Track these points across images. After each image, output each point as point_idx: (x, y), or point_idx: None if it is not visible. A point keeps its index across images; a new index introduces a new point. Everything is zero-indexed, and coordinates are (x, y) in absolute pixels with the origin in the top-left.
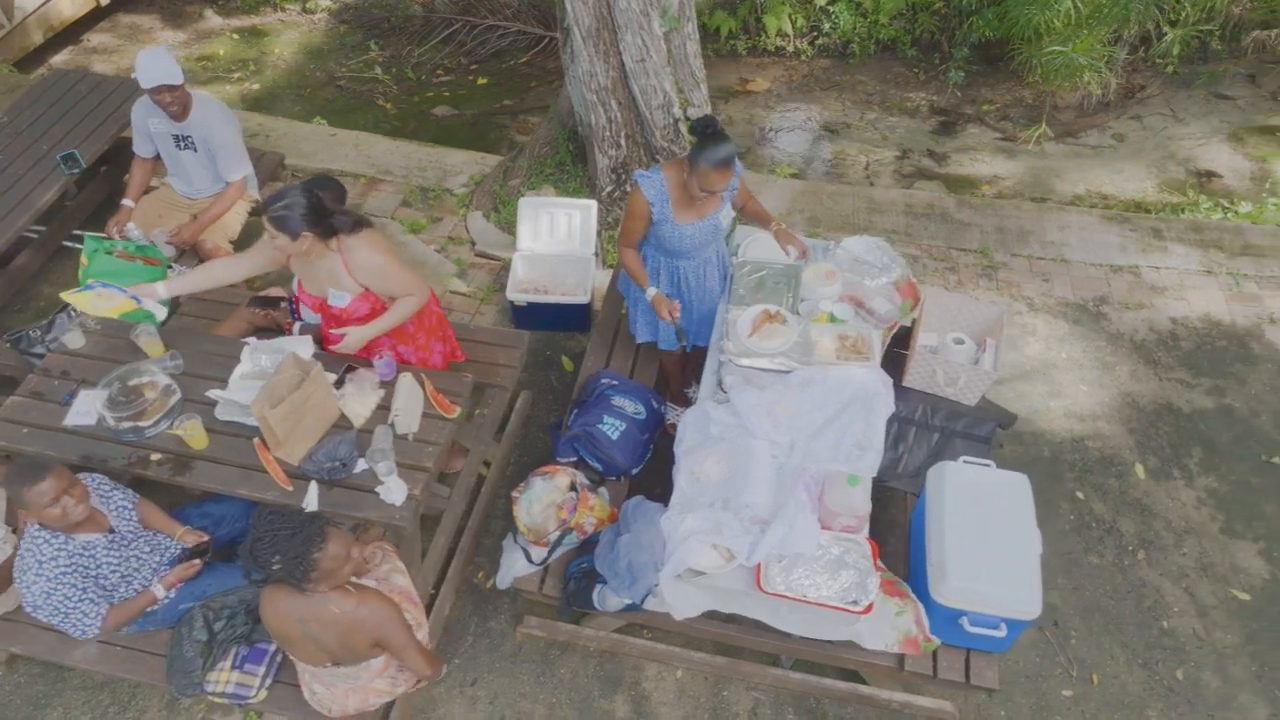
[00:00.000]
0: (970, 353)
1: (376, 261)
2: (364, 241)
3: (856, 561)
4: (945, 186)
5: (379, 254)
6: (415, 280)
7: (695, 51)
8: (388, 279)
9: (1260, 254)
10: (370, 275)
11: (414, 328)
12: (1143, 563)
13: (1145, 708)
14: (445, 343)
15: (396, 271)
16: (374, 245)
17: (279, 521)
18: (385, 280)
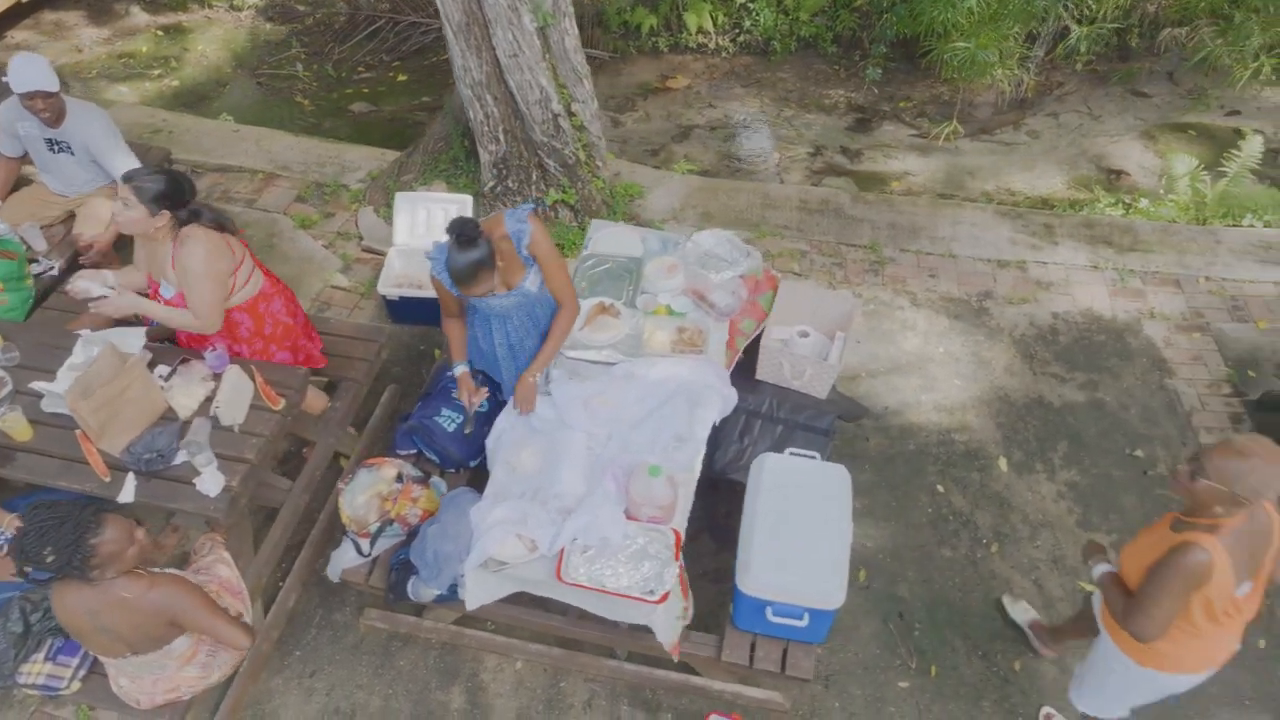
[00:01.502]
0: (817, 346)
1: (192, 266)
2: (198, 243)
3: (659, 552)
4: (855, 183)
5: (198, 262)
6: (207, 308)
7: (575, 47)
8: (191, 290)
9: (1148, 250)
10: (181, 276)
11: (248, 333)
12: (995, 555)
13: (980, 698)
14: (295, 353)
15: (200, 288)
16: (202, 251)
17: (45, 514)
18: (188, 289)
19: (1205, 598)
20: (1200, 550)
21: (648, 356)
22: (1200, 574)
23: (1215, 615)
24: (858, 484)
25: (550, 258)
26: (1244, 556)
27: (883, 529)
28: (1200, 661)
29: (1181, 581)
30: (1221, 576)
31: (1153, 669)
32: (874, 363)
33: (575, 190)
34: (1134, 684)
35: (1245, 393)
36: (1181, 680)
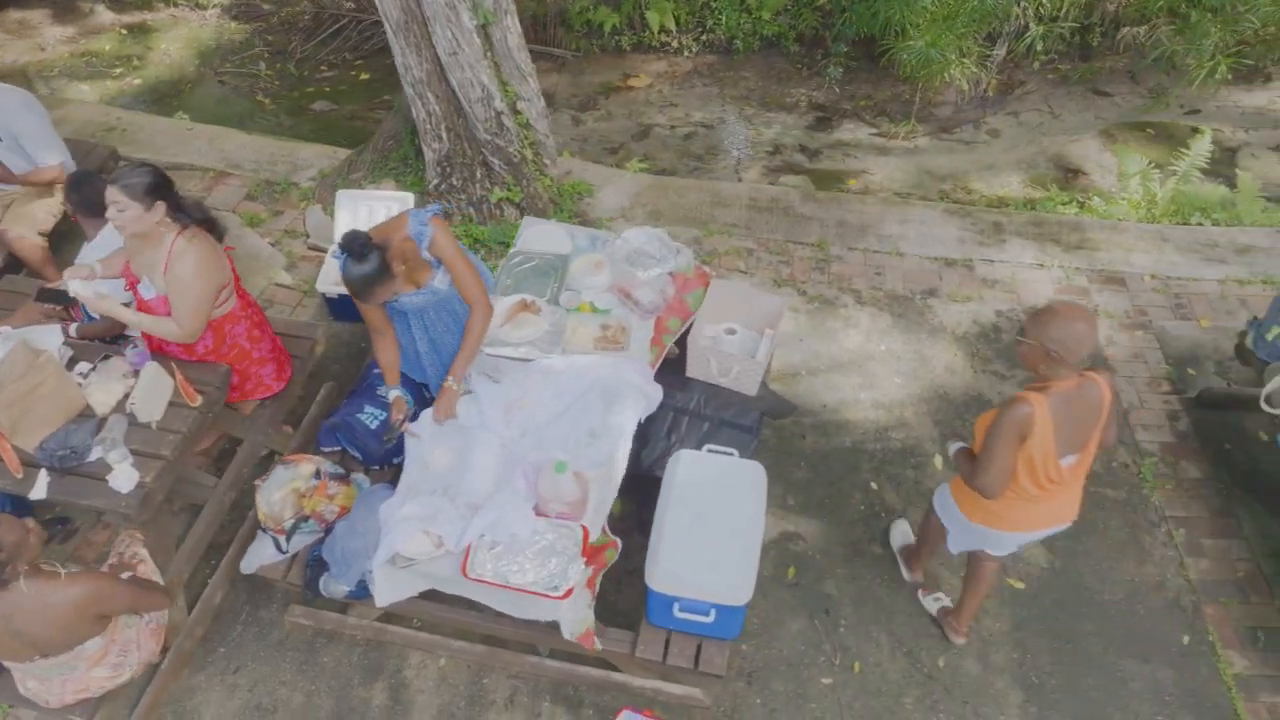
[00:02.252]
0: (745, 344)
1: (187, 273)
2: (200, 251)
3: (566, 548)
4: (812, 181)
5: (196, 269)
6: (192, 318)
7: (519, 45)
8: (180, 298)
9: (1095, 248)
10: (172, 283)
11: (205, 350)
12: (926, 552)
13: (902, 695)
14: (244, 379)
15: (190, 296)
16: (203, 259)
17: None
18: (177, 297)
19: (1029, 456)
20: (1024, 403)
21: (567, 354)
22: (1023, 423)
23: (1038, 478)
24: (792, 481)
25: (454, 260)
26: (1070, 425)
27: (814, 526)
28: (1023, 522)
29: (1008, 431)
30: (1043, 433)
31: (981, 524)
32: (815, 360)
33: (521, 188)
34: (968, 536)
35: (1184, 390)
36: (1006, 537)
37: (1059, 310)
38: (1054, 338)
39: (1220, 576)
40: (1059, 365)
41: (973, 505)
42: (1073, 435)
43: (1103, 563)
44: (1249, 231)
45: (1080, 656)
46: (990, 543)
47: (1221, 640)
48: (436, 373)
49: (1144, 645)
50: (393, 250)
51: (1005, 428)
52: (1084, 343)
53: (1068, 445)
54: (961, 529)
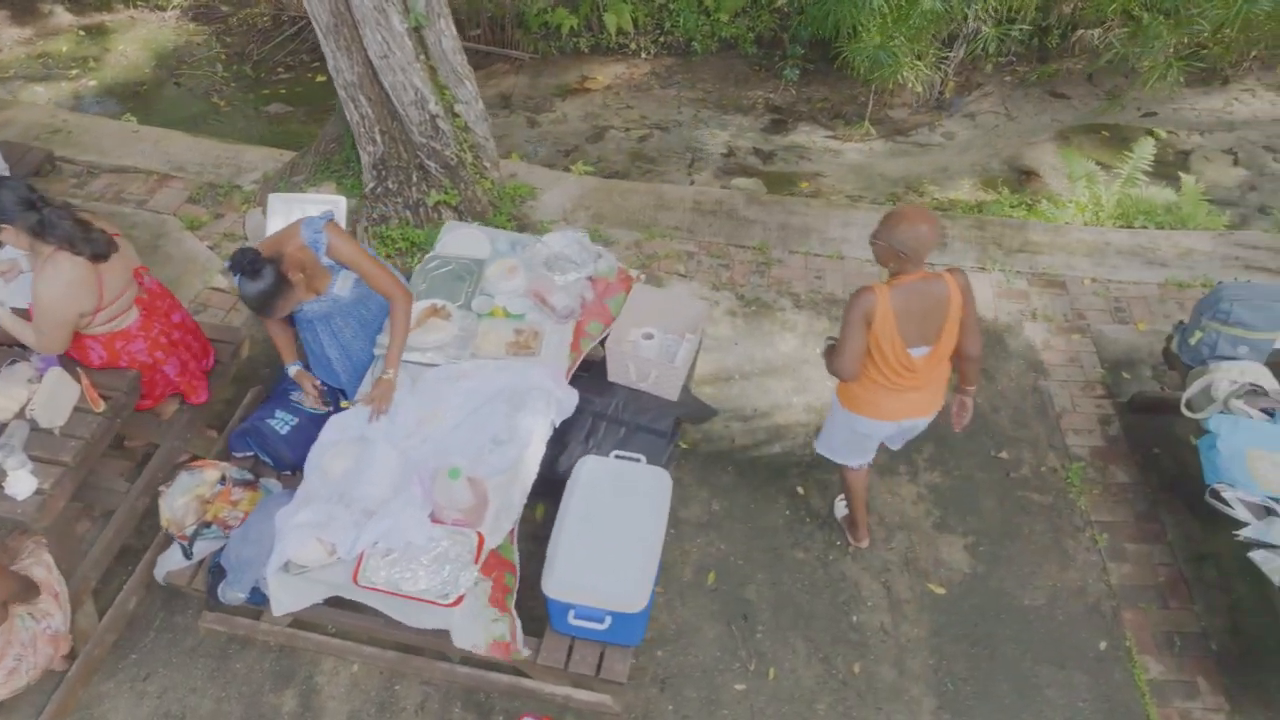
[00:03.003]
0: (664, 348)
1: (44, 296)
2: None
3: (460, 555)
4: (764, 184)
5: (52, 294)
6: (47, 340)
7: (454, 48)
8: (38, 315)
9: (1037, 251)
10: (35, 297)
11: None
12: (848, 558)
13: (815, 701)
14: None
15: (44, 318)
16: (61, 285)
17: None
18: (36, 313)
19: (878, 344)
20: (868, 292)
21: (476, 359)
22: (867, 309)
23: (892, 365)
24: (718, 486)
25: (357, 261)
26: (914, 316)
27: (738, 531)
28: (886, 411)
29: (855, 317)
30: (885, 319)
31: (848, 410)
32: (749, 364)
33: (458, 191)
34: (841, 425)
35: (1117, 394)
36: (868, 423)
37: (905, 213)
38: (900, 238)
39: (1142, 582)
40: (906, 261)
41: (845, 394)
42: (919, 327)
43: (1025, 568)
44: (1191, 235)
45: (996, 662)
46: (859, 433)
47: (1138, 646)
48: (350, 378)
49: (1061, 651)
50: (287, 261)
51: (852, 314)
52: (927, 241)
53: (916, 337)
54: (836, 421)
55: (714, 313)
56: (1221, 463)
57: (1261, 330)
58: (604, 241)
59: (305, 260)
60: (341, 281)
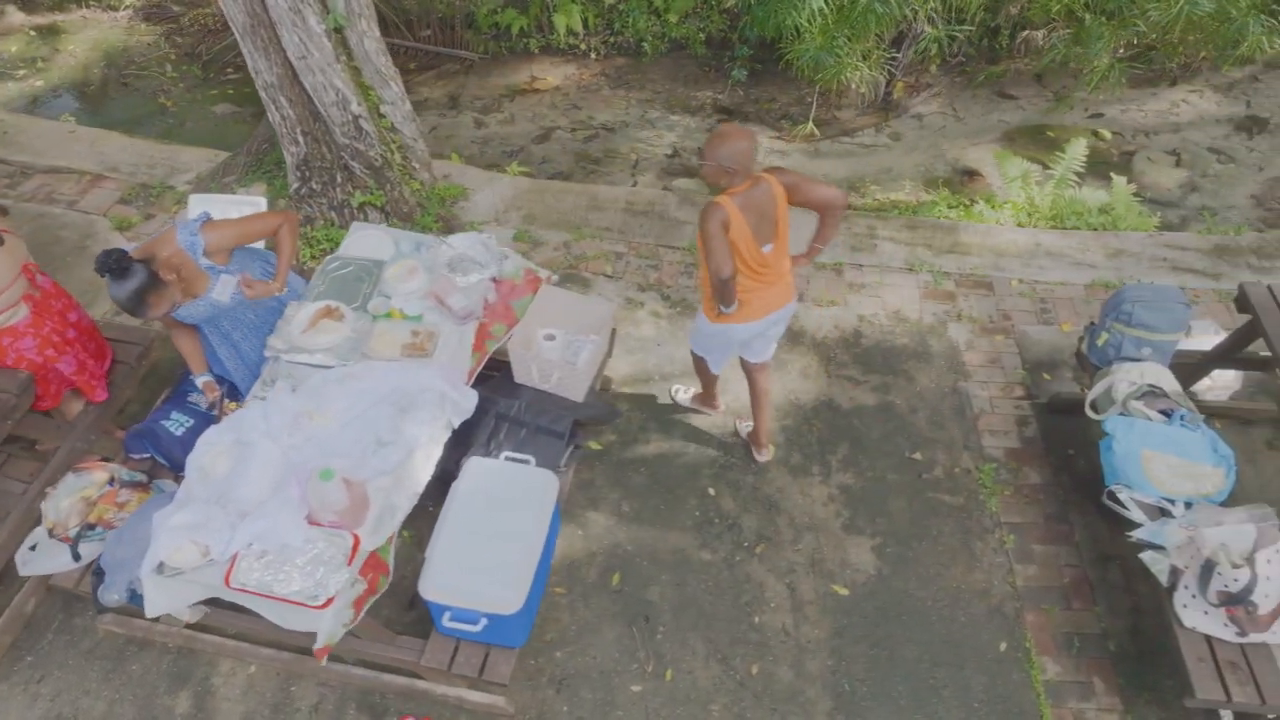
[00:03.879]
0: (568, 349)
1: None
2: None
3: (333, 557)
4: (705, 185)
5: None
6: None
7: (378, 49)
8: None
9: (965, 251)
10: None
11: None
12: (755, 559)
13: (710, 702)
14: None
15: None
16: None
17: None
18: None
19: (735, 247)
20: (717, 205)
21: (369, 361)
22: (722, 218)
23: (750, 264)
24: (630, 487)
25: (239, 235)
26: (756, 217)
27: (646, 532)
28: (755, 311)
29: (714, 227)
30: (738, 223)
31: (723, 323)
32: (669, 365)
33: (384, 192)
34: (713, 337)
35: (1037, 396)
36: (741, 328)
37: (723, 133)
38: (724, 156)
39: (1046, 583)
40: (735, 176)
41: (709, 308)
42: (762, 226)
43: (931, 569)
44: (1121, 236)
45: (895, 664)
46: (735, 340)
47: (1038, 647)
48: (243, 377)
49: (960, 652)
50: (161, 265)
51: (711, 226)
52: (747, 155)
53: (763, 235)
54: (709, 337)
55: (638, 314)
56: (1117, 464)
57: (1163, 332)
58: (533, 242)
59: (181, 264)
60: (221, 287)
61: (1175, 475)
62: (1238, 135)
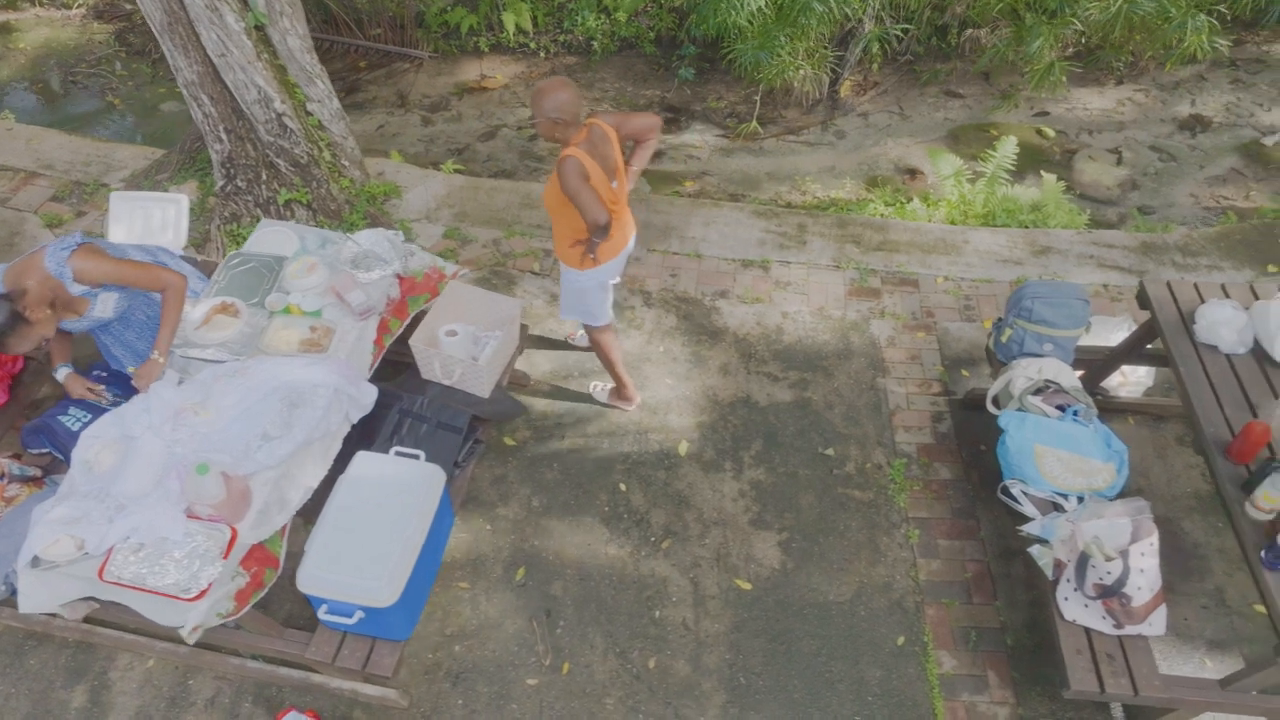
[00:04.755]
0: (471, 345)
1: None
2: None
3: (209, 550)
4: (648, 182)
5: None
6: None
7: (302, 46)
8: None
9: (894, 249)
10: None
11: None
12: (661, 554)
13: (605, 696)
14: None
15: None
16: None
17: None
18: None
19: (597, 192)
20: (572, 159)
21: (263, 356)
22: (580, 169)
23: (608, 205)
24: (541, 482)
25: (115, 276)
26: (601, 159)
27: (554, 527)
28: (614, 244)
29: (576, 179)
30: (594, 169)
31: (594, 269)
32: (590, 361)
33: (310, 189)
34: (582, 287)
35: (955, 392)
36: (609, 265)
37: (545, 88)
38: (550, 108)
39: (949, 578)
40: (567, 127)
41: (576, 259)
42: (606, 165)
43: (835, 564)
44: (1051, 233)
45: (792, 658)
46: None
47: (936, 641)
48: None
49: (858, 646)
50: (31, 296)
51: (574, 179)
52: (574, 104)
53: (609, 174)
54: (587, 290)
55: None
56: (1011, 459)
57: (1063, 328)
58: (463, 239)
59: (53, 291)
60: (101, 304)
61: (1067, 470)
62: (1181, 134)
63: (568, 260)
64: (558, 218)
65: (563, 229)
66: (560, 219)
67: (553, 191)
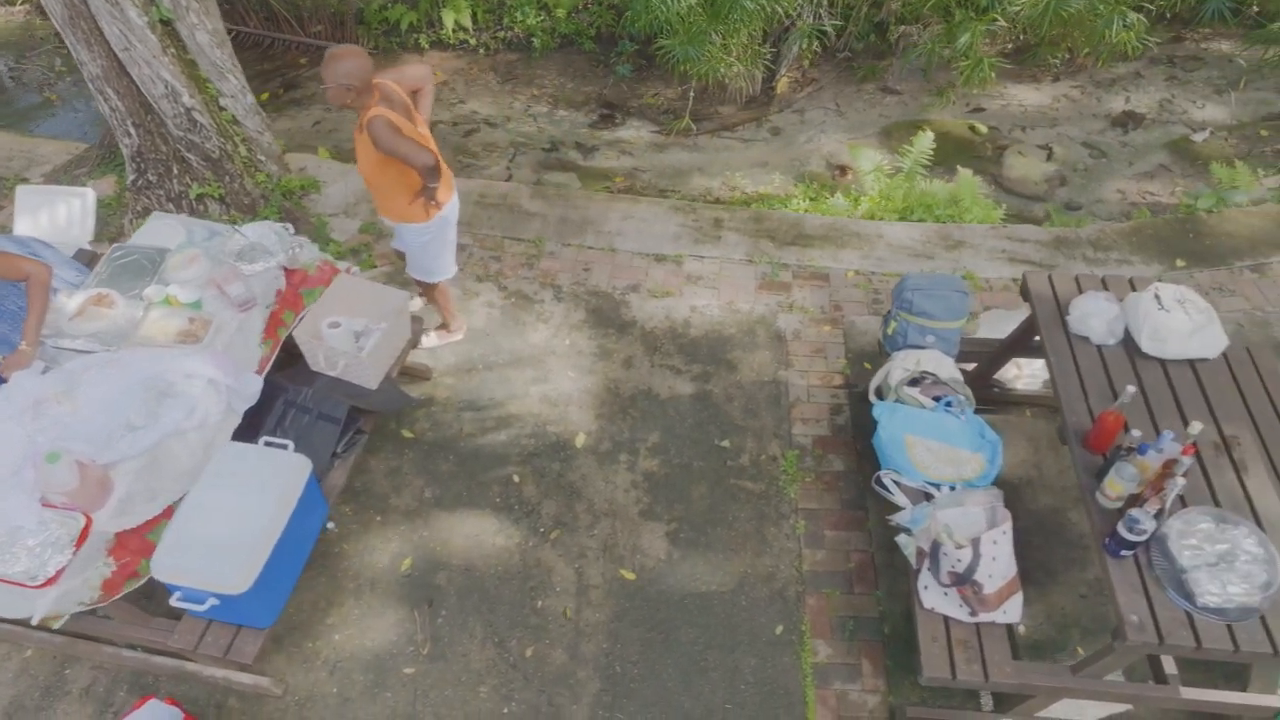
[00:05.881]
0: (363, 336)
1: None
2: None
3: (60, 539)
4: (579, 178)
5: None
6: None
7: (213, 41)
8: None
9: (808, 244)
10: None
11: None
12: (548, 544)
13: (480, 684)
14: None
15: None
16: None
17: None
18: None
19: (411, 139)
20: (379, 116)
21: (137, 347)
22: (391, 122)
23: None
24: (436, 473)
25: None
26: (400, 110)
27: (444, 518)
28: (447, 183)
29: (391, 134)
30: (402, 123)
31: (438, 213)
32: (495, 355)
33: (222, 184)
34: (428, 239)
35: (855, 385)
36: (449, 206)
37: (335, 54)
38: (342, 75)
39: (833, 568)
40: (361, 92)
41: (421, 211)
42: (408, 115)
43: (721, 554)
44: (964, 228)
45: (670, 647)
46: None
47: (814, 630)
48: None
49: (736, 635)
50: None
51: (389, 134)
52: (365, 69)
53: (413, 122)
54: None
55: (472, 304)
56: (884, 449)
57: (942, 320)
58: (378, 234)
59: None
60: None
61: (938, 460)
62: (1113, 131)
63: (411, 217)
64: (384, 182)
65: (394, 190)
66: (386, 181)
67: (368, 159)
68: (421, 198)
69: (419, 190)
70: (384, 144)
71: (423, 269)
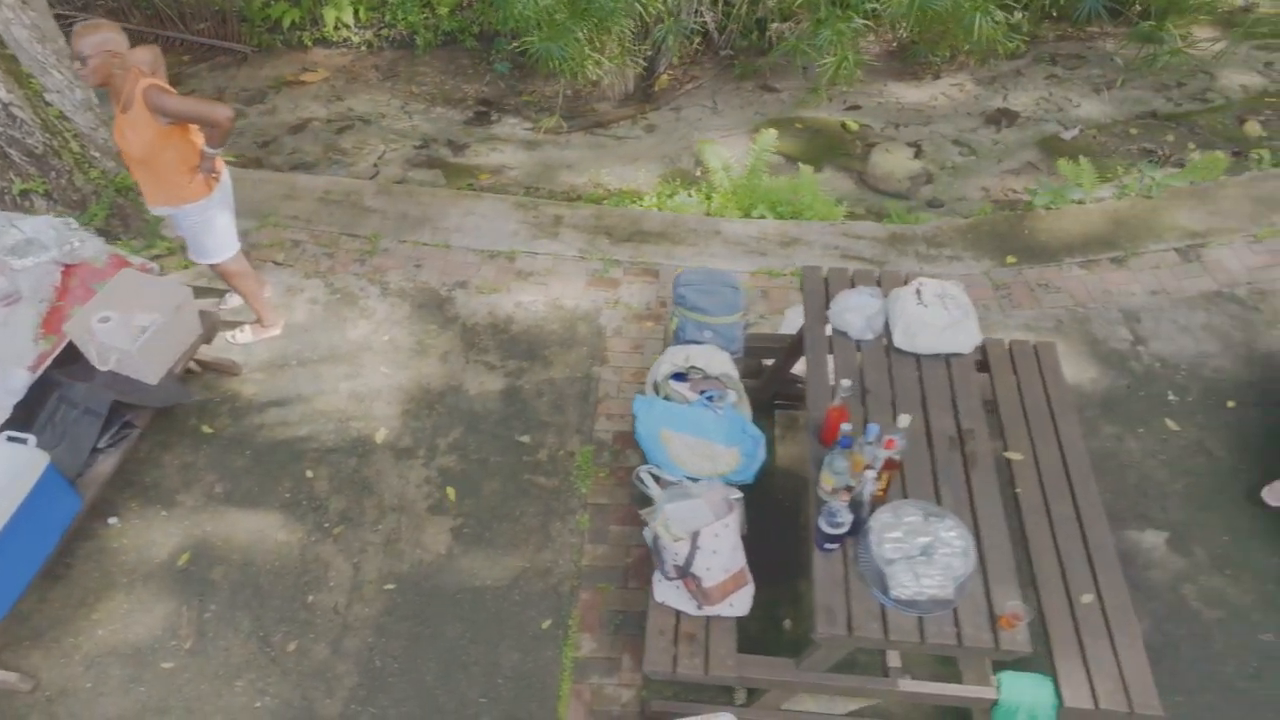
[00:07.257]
0: (126, 332)
1: None
2: None
3: None
4: (445, 175)
5: None
6: None
7: (32, 37)
8: None
9: (644, 240)
10: None
11: None
12: (330, 540)
13: (236, 678)
14: None
15: None
16: None
17: None
18: None
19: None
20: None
21: None
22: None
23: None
24: (229, 469)
25: None
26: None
27: (230, 513)
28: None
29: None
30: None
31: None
32: (310, 350)
33: (49, 180)
34: (207, 218)
35: None
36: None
37: (89, 26)
38: (103, 42)
39: (611, 563)
40: (122, 61)
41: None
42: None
43: (502, 550)
44: (803, 225)
45: (435, 641)
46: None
47: (582, 625)
48: None
49: (503, 630)
50: None
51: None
52: (116, 38)
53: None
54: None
55: (295, 300)
56: (643, 444)
57: (716, 315)
58: None
59: None
60: None
61: (694, 455)
62: (987, 128)
63: (188, 195)
64: (161, 162)
65: (172, 169)
66: (164, 161)
67: (143, 138)
68: (200, 173)
69: (199, 163)
70: (170, 108)
71: (208, 249)
